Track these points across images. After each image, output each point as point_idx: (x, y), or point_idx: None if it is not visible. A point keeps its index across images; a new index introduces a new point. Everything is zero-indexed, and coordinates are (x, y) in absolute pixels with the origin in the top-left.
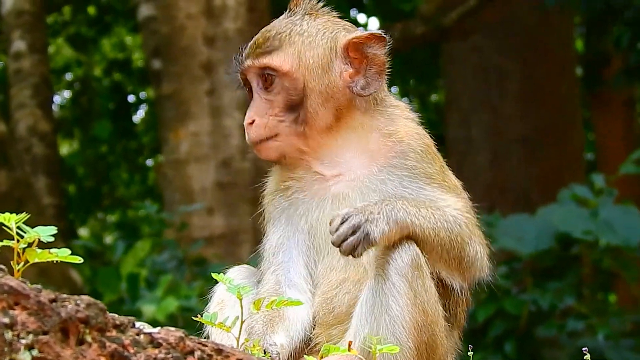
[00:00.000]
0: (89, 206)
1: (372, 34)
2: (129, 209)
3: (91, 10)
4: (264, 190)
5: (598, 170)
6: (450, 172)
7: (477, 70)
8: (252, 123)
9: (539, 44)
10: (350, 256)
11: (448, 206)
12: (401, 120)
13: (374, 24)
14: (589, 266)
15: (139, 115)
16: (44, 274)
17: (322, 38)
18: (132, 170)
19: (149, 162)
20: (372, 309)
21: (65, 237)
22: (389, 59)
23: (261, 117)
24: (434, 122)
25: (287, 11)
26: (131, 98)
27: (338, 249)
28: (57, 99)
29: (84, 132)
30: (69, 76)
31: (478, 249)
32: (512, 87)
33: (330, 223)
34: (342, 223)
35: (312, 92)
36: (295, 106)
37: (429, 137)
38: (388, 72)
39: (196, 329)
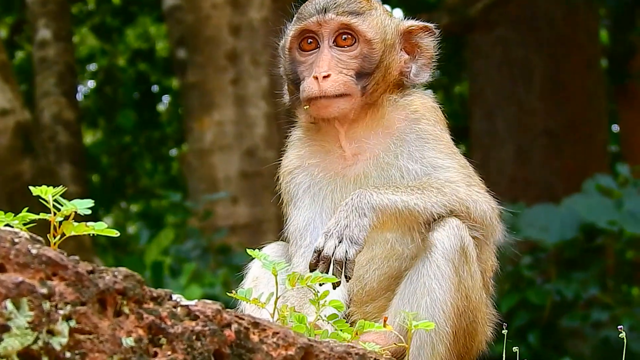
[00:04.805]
0: (112, 196)
1: (426, 25)
2: (152, 199)
3: (116, 0)
4: (282, 168)
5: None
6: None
7: (502, 63)
8: (327, 77)
9: (564, 37)
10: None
11: (448, 168)
12: (420, 97)
13: (397, 15)
14: (612, 257)
15: (162, 106)
16: None
17: (392, 19)
18: (155, 160)
19: (173, 152)
20: (414, 290)
21: None
22: (436, 53)
23: (337, 74)
24: (458, 115)
25: None
26: (155, 88)
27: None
28: (81, 88)
29: (108, 121)
30: (93, 66)
31: (485, 208)
32: (537, 80)
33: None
34: (321, 250)
35: (382, 65)
36: (364, 75)
37: (443, 115)
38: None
39: (231, 305)
